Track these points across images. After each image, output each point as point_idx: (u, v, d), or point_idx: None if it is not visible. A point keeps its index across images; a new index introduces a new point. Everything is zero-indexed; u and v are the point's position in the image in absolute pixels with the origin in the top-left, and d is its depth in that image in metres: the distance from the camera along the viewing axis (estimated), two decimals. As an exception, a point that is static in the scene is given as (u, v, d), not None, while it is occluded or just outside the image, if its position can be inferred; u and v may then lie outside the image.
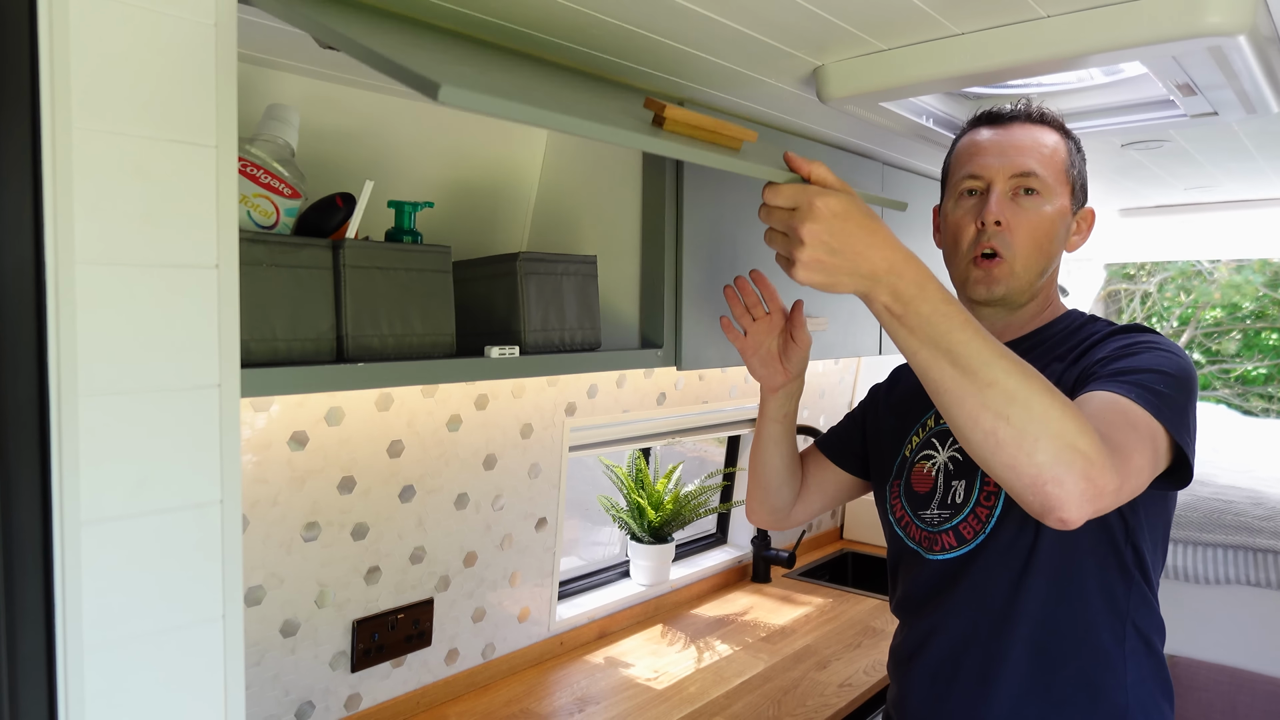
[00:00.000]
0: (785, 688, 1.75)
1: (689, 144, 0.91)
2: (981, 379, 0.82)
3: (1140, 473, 0.88)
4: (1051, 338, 1.13)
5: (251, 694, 1.38)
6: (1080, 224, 1.17)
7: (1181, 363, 0.99)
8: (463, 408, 1.64)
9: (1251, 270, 7.88)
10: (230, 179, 0.78)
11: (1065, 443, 0.80)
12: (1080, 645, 1.04)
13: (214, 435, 0.78)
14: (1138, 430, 0.88)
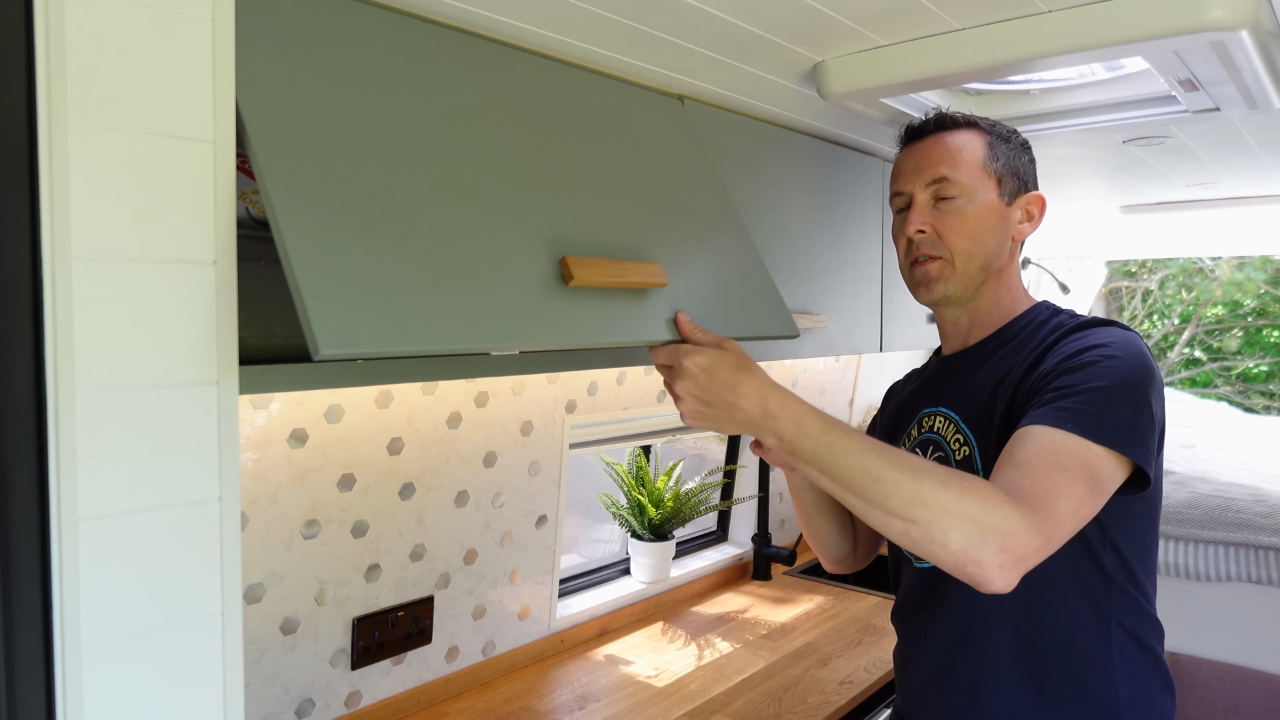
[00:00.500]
0: (786, 685, 1.75)
1: (590, 329, 1.00)
2: (877, 494, 0.88)
3: (1076, 512, 0.90)
4: (1015, 335, 1.15)
5: (251, 691, 1.38)
6: (1027, 210, 1.17)
7: (1128, 366, 0.98)
8: (463, 405, 1.63)
9: (1253, 268, 7.86)
10: (228, 175, 0.78)
11: (973, 526, 0.85)
12: (1065, 647, 1.05)
13: (212, 432, 0.77)
14: (1068, 470, 0.91)
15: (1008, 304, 1.18)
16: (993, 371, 1.12)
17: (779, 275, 1.69)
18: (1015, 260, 1.20)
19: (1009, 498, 0.87)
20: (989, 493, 0.87)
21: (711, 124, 1.50)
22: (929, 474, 0.88)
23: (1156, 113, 1.47)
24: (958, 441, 1.12)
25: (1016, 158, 1.17)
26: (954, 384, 1.18)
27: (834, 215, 1.85)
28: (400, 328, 0.84)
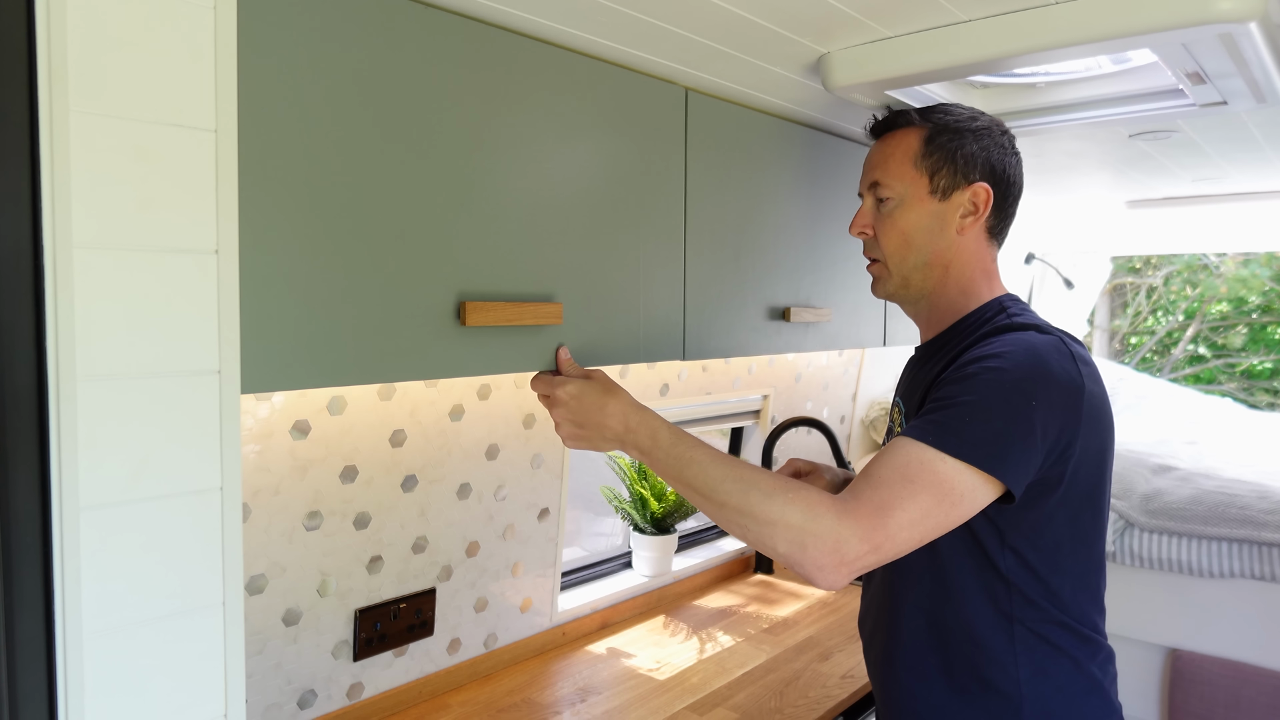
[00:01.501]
0: (787, 679, 1.75)
1: (484, 363, 1.13)
2: (715, 501, 1.00)
3: (917, 524, 0.94)
4: (960, 332, 1.16)
5: (253, 682, 1.38)
6: (971, 203, 1.15)
7: (1009, 379, 0.99)
8: (465, 398, 1.63)
9: (1259, 264, 7.84)
10: (230, 164, 0.78)
11: (795, 534, 0.94)
12: (966, 639, 1.10)
13: (214, 421, 0.77)
14: (913, 482, 0.95)
15: (961, 301, 1.18)
16: (931, 369, 1.15)
17: (781, 269, 1.68)
18: (966, 255, 1.17)
19: (834, 506, 0.94)
20: (814, 502, 0.95)
21: (716, 117, 1.49)
22: (756, 484, 0.97)
23: (1163, 106, 1.46)
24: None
25: (962, 147, 1.14)
26: (909, 377, 1.25)
27: (838, 209, 1.84)
28: (316, 368, 0.95)
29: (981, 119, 1.18)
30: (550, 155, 1.22)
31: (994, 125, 1.18)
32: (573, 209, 1.26)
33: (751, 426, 2.51)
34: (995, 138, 1.17)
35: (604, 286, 1.31)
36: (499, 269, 1.15)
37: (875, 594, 1.23)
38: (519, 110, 1.17)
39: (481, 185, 1.13)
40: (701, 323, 1.50)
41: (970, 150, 1.15)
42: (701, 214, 1.48)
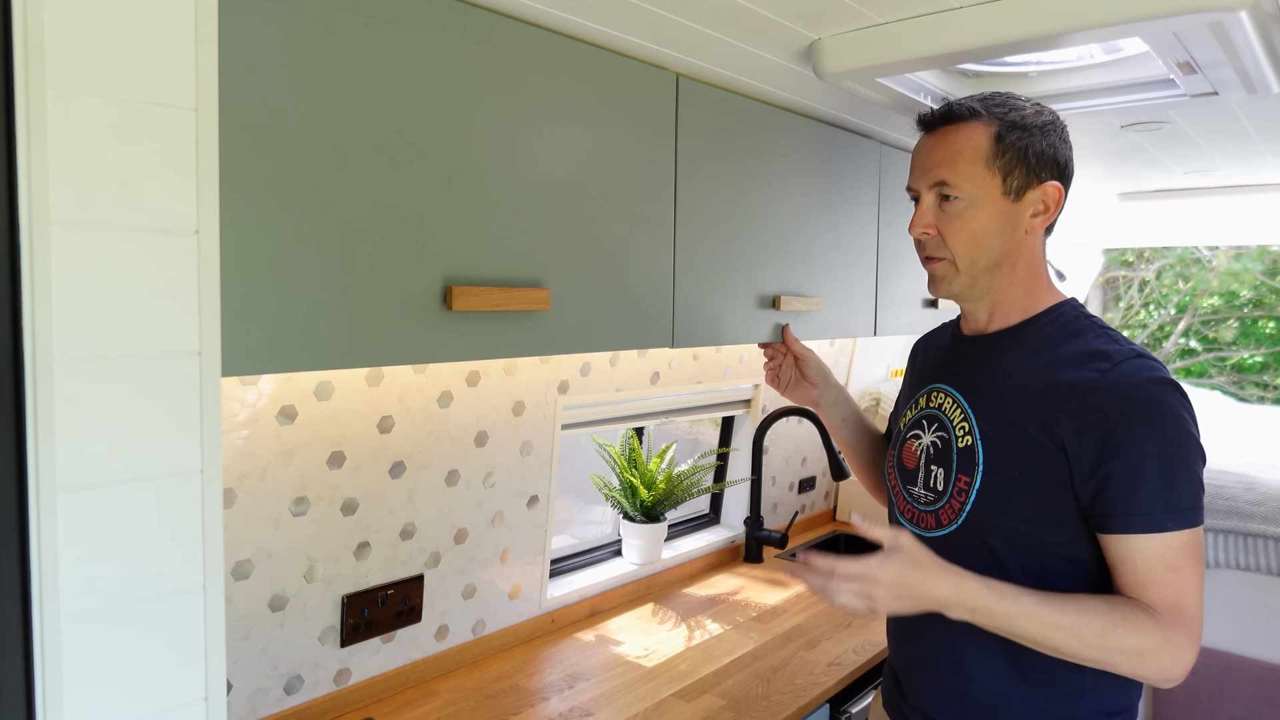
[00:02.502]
0: (775, 666, 1.76)
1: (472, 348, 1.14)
2: (1050, 647, 1.03)
3: (1199, 590, 1.04)
4: (1032, 336, 1.16)
5: (239, 667, 1.38)
6: (1042, 202, 1.13)
7: (1179, 422, 1.04)
8: (454, 384, 1.63)
9: (1250, 258, 7.86)
10: (211, 144, 0.77)
11: (1135, 659, 1.01)
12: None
13: (194, 403, 0.77)
14: (1180, 571, 1.03)
15: (1026, 300, 1.17)
16: (1008, 370, 1.14)
17: (773, 257, 1.68)
18: (1032, 253, 1.16)
19: (1157, 623, 1.01)
20: (1139, 627, 1.01)
21: (707, 103, 1.49)
22: (1084, 630, 1.01)
23: (1154, 96, 1.46)
24: (962, 429, 1.16)
25: (1032, 145, 1.11)
26: (967, 370, 1.20)
27: (830, 198, 1.84)
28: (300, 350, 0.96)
29: (1045, 113, 1.13)
30: (540, 140, 1.21)
31: (1056, 119, 1.14)
32: (562, 194, 1.25)
33: (742, 415, 2.51)
34: (1059, 132, 1.13)
35: (592, 272, 1.30)
36: (486, 254, 1.15)
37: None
38: (508, 94, 1.16)
39: (469, 169, 1.12)
40: (691, 310, 1.50)
41: (1040, 148, 1.11)
42: (692, 200, 1.48)
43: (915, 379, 1.33)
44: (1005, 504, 1.10)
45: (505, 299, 1.13)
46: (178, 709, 0.78)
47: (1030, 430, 1.08)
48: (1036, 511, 1.08)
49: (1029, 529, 1.09)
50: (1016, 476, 1.09)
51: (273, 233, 0.93)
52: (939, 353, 1.30)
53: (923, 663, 1.23)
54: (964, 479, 1.14)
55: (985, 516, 1.11)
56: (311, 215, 0.96)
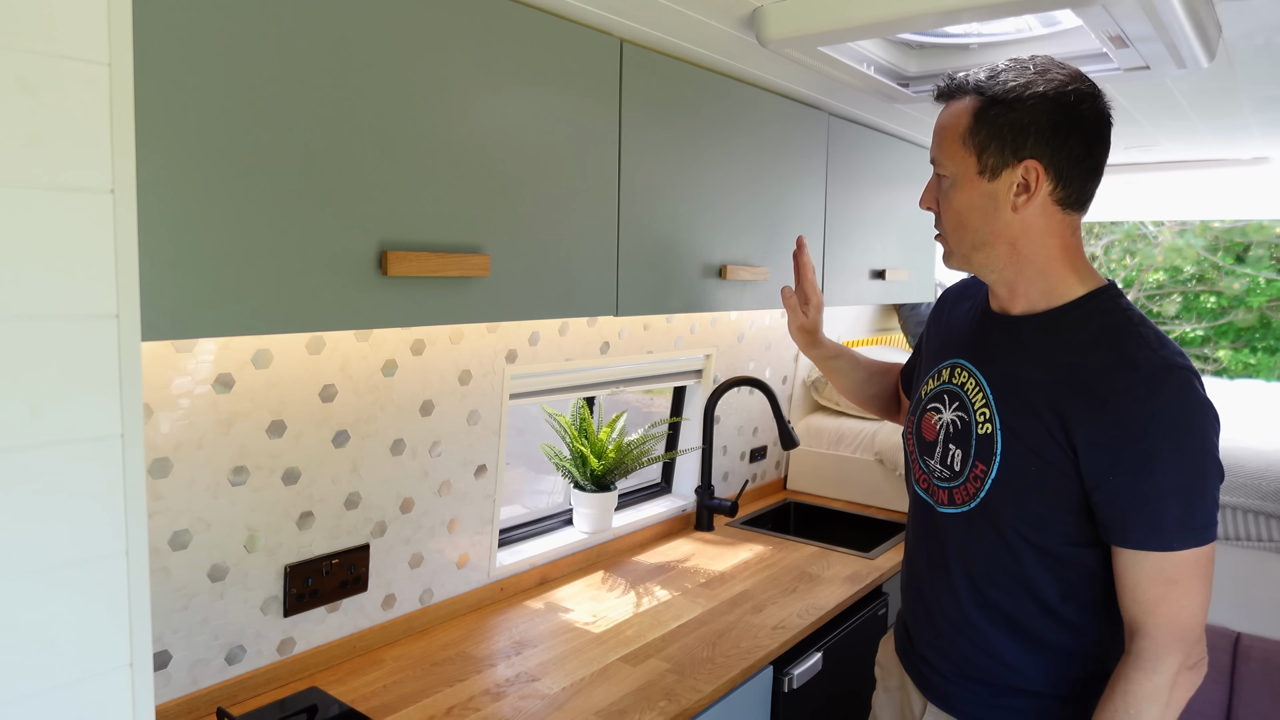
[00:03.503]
0: (721, 630, 1.79)
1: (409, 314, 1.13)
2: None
3: (1200, 605, 1.04)
4: (1058, 325, 1.12)
5: (179, 638, 1.37)
6: (1021, 183, 1.07)
7: (1205, 442, 1.02)
8: (398, 353, 1.61)
9: (1193, 234, 8.08)
10: (126, 99, 0.75)
11: (1164, 709, 1.03)
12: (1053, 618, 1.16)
13: (112, 367, 0.75)
14: (1180, 585, 1.02)
15: (1045, 284, 1.12)
16: (1038, 363, 1.11)
17: (719, 227, 1.69)
18: (1041, 230, 1.09)
19: (1169, 671, 1.04)
20: (1164, 687, 1.03)
21: (652, 70, 1.48)
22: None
23: (1091, 70, 1.48)
24: (983, 415, 1.14)
25: (1010, 123, 1.05)
26: (992, 352, 1.18)
27: (777, 168, 1.84)
28: (227, 315, 0.94)
29: (1042, 80, 1.05)
30: (480, 103, 1.20)
31: (1057, 87, 1.04)
32: (502, 159, 1.24)
33: (694, 386, 2.53)
34: (1057, 100, 1.04)
35: (534, 239, 1.30)
36: (423, 218, 1.13)
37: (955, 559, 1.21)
38: (446, 56, 1.15)
39: (405, 131, 1.11)
40: (636, 278, 1.50)
41: (1022, 123, 1.04)
42: (636, 168, 1.47)
43: (941, 343, 1.30)
44: (1020, 496, 1.10)
45: (443, 264, 1.12)
46: (101, 675, 0.77)
47: (1049, 426, 1.07)
48: (1050, 503, 1.09)
49: (1041, 518, 1.10)
50: (1033, 471, 1.08)
51: (196, 193, 0.91)
52: (966, 324, 1.26)
53: (932, 623, 1.26)
54: (981, 466, 1.14)
55: (999, 505, 1.12)
56: (236, 176, 0.94)
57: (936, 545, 1.24)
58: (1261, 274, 7.97)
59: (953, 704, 1.23)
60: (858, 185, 2.16)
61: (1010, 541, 1.13)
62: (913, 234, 2.46)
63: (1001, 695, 1.19)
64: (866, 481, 2.75)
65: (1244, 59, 1.52)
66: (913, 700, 1.33)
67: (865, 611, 2.07)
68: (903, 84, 1.62)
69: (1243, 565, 2.29)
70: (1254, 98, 1.81)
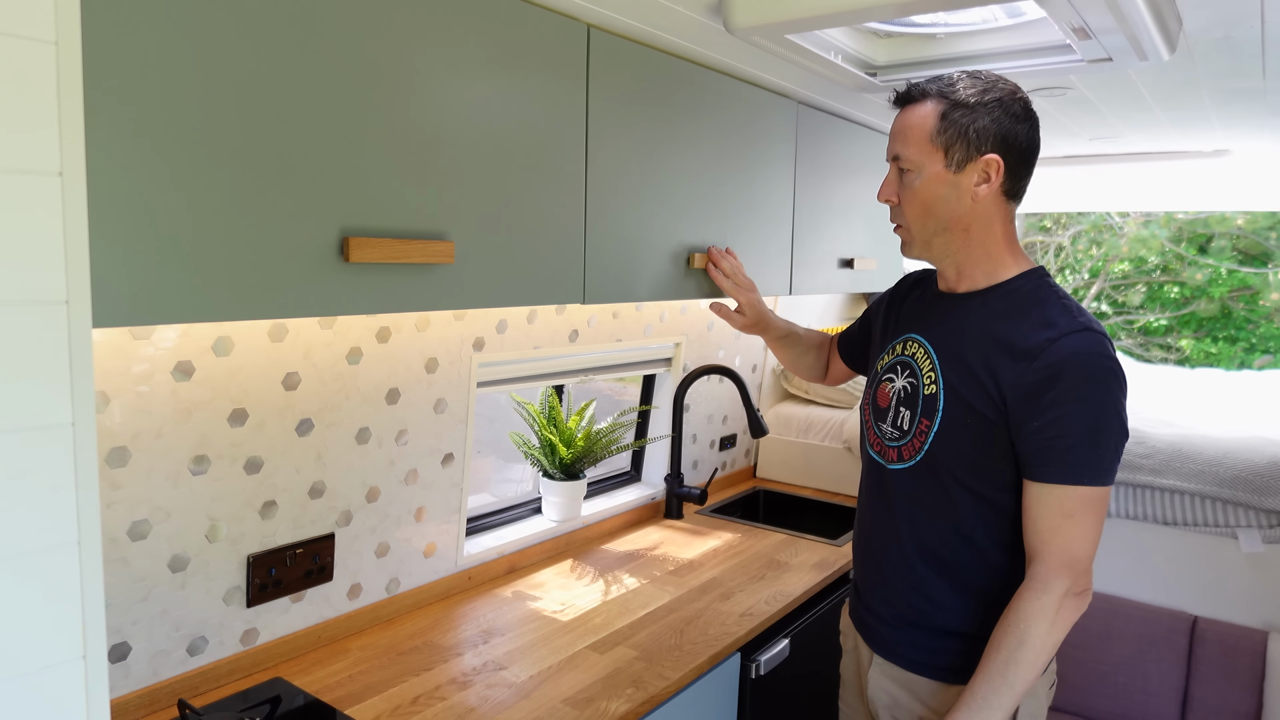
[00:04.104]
0: (689, 618, 1.80)
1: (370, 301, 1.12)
2: (1026, 685, 1.20)
3: (1092, 540, 1.19)
4: (1000, 300, 1.28)
5: (139, 629, 1.35)
6: (983, 174, 1.24)
7: (1110, 400, 1.17)
8: (363, 340, 1.60)
9: (1158, 225, 8.21)
10: (74, 79, 0.73)
11: (1051, 629, 1.19)
12: (976, 559, 1.31)
13: (62, 354, 0.73)
14: (1075, 518, 1.18)
15: (989, 264, 1.29)
16: (977, 329, 1.27)
17: (687, 215, 1.68)
18: (988, 220, 1.27)
19: (1054, 593, 1.19)
20: (1048, 608, 1.19)
21: (620, 56, 1.47)
22: (1012, 658, 1.19)
23: (1055, 61, 1.50)
24: (929, 377, 1.30)
25: (975, 122, 1.22)
26: (940, 324, 1.33)
27: (746, 156, 1.84)
28: (182, 301, 0.92)
29: (994, 90, 1.23)
30: (444, 88, 1.18)
31: (1006, 95, 1.23)
32: (467, 145, 1.23)
33: (663, 374, 2.53)
34: (1007, 107, 1.22)
35: (499, 226, 1.29)
36: (387, 204, 1.12)
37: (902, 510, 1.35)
38: (410, 40, 1.13)
39: (370, 116, 1.09)
40: (603, 266, 1.50)
41: (982, 124, 1.22)
42: (604, 155, 1.47)
43: (895, 323, 1.45)
44: (958, 445, 1.25)
45: (406, 251, 1.11)
46: (54, 667, 0.76)
47: (983, 381, 1.23)
48: (982, 453, 1.24)
49: (975, 464, 1.25)
50: (969, 422, 1.24)
51: (149, 176, 0.89)
52: (918, 306, 1.41)
53: (880, 574, 1.39)
54: (925, 422, 1.29)
55: (940, 455, 1.27)
56: (192, 159, 0.92)
57: (886, 501, 1.37)
58: (1223, 265, 8.13)
59: (892, 649, 1.38)
60: (826, 174, 2.17)
61: (948, 488, 1.28)
62: (881, 223, 2.48)
63: (934, 638, 1.33)
64: (835, 469, 2.78)
65: (1204, 52, 1.54)
66: (862, 656, 1.46)
67: (832, 598, 2.09)
68: (870, 73, 1.62)
69: (1200, 550, 2.34)
70: (1214, 90, 1.84)
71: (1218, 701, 2.22)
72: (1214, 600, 2.33)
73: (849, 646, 1.54)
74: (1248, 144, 2.51)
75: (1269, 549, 2.24)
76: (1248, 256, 8.08)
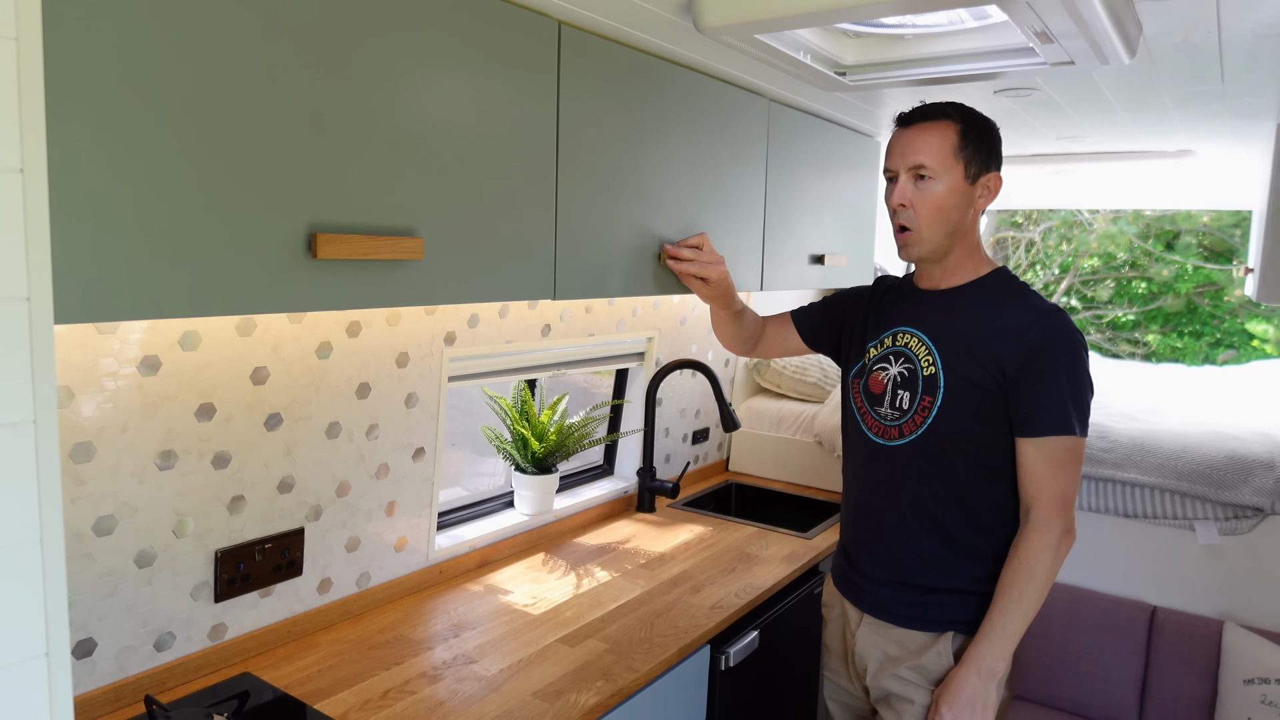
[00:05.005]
0: (659, 611, 1.81)
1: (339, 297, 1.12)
2: (1032, 611, 1.41)
3: (1076, 483, 1.42)
4: (976, 292, 1.50)
5: (105, 625, 1.34)
6: (985, 188, 1.46)
7: (1083, 360, 1.41)
8: (333, 335, 1.59)
9: (1126, 222, 8.34)
10: (35, 75, 0.72)
11: (1052, 564, 1.40)
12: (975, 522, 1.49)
13: (24, 351, 0.73)
14: (1064, 467, 1.40)
15: (970, 265, 1.51)
16: (966, 317, 1.47)
17: (659, 211, 1.69)
18: (974, 225, 1.50)
19: (1052, 532, 1.41)
20: (1050, 545, 1.40)
21: (591, 53, 1.48)
22: (1040, 583, 1.40)
23: (1020, 63, 1.52)
24: (927, 361, 1.48)
25: (985, 142, 1.44)
26: (932, 315, 1.51)
27: (718, 153, 1.86)
28: (146, 297, 0.92)
29: (986, 120, 1.46)
30: (414, 84, 1.18)
31: (993, 126, 1.47)
32: (438, 140, 1.23)
33: (636, 369, 2.54)
34: (998, 133, 1.47)
35: (469, 222, 1.29)
36: (355, 200, 1.12)
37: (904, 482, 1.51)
38: (382, 35, 1.13)
39: (338, 112, 1.09)
40: (574, 261, 1.50)
41: (991, 144, 1.45)
42: (575, 151, 1.47)
43: (875, 321, 1.61)
44: (958, 417, 1.44)
45: (375, 247, 1.11)
46: (16, 665, 0.76)
47: (981, 360, 1.42)
48: (980, 422, 1.43)
49: (974, 431, 1.43)
50: (968, 394, 1.43)
51: (113, 172, 0.88)
52: (899, 305, 1.58)
53: (881, 540, 1.54)
54: (928, 399, 1.47)
55: (942, 426, 1.45)
56: (156, 155, 0.91)
57: (886, 474, 1.53)
58: (1189, 261, 8.27)
59: (885, 608, 1.54)
60: (798, 171, 2.18)
61: (948, 456, 1.46)
62: (852, 219, 2.50)
63: (927, 594, 1.50)
64: (806, 463, 2.81)
65: (1164, 56, 1.58)
66: (850, 618, 1.62)
67: (801, 590, 2.12)
68: (840, 73, 1.64)
69: (1159, 542, 2.40)
70: (1175, 93, 1.88)
71: (1175, 689, 2.27)
72: (1172, 591, 2.39)
73: (833, 615, 1.69)
74: (1209, 145, 2.56)
75: (1225, 540, 2.30)
76: (1213, 253, 8.23)
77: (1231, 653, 2.18)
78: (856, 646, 1.58)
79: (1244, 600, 2.30)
